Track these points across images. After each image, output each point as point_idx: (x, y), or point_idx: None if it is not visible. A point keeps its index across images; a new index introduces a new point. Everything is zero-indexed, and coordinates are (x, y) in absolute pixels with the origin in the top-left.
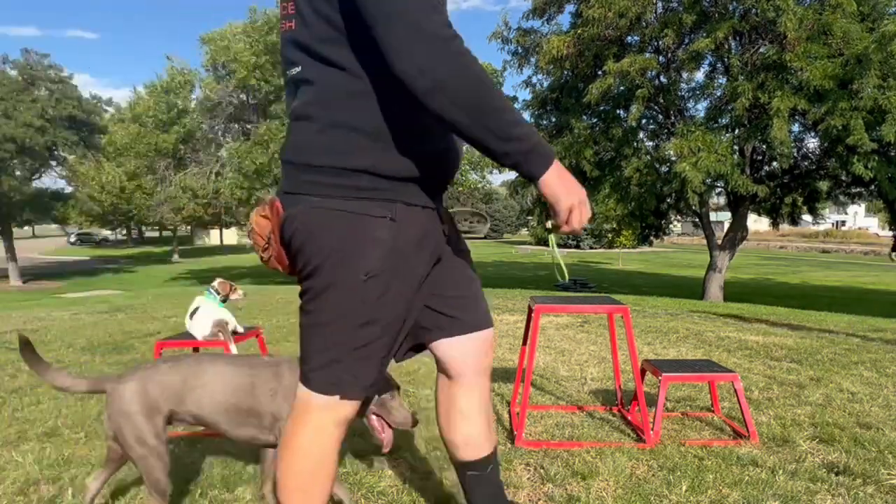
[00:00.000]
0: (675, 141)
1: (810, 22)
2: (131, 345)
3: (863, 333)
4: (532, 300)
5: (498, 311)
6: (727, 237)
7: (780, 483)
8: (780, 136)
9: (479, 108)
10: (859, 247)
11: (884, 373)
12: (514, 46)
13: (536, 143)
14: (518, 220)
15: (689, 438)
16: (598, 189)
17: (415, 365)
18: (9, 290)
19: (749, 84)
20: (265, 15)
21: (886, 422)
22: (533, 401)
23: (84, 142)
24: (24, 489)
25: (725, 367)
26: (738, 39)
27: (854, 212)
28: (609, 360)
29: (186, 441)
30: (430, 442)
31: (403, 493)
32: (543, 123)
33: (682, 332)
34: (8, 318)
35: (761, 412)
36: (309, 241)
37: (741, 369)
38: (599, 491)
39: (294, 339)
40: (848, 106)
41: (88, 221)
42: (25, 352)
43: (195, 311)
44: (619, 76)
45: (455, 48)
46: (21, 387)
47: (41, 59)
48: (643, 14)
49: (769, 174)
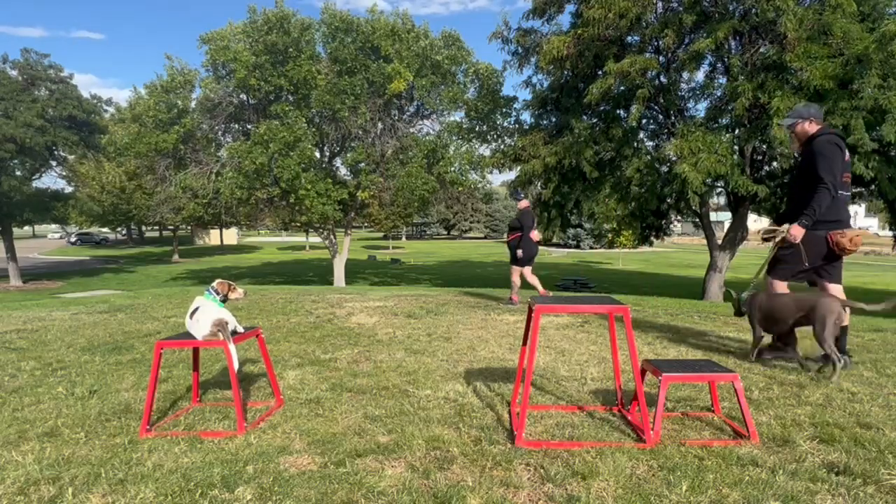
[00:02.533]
0: (676, 141)
1: (810, 22)
2: (131, 345)
3: (863, 333)
4: (532, 300)
5: (498, 311)
6: (727, 237)
7: (780, 483)
8: (780, 135)
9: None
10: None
11: (884, 373)
12: (514, 46)
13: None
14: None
15: (689, 438)
16: (599, 189)
17: (415, 365)
18: (9, 290)
19: (749, 84)
20: (265, 15)
21: (886, 422)
22: (533, 401)
23: (84, 142)
24: (24, 489)
25: (725, 367)
26: (738, 39)
27: (854, 212)
28: (609, 360)
29: (186, 441)
30: (430, 442)
31: (403, 493)
32: (543, 123)
33: (682, 332)
34: (8, 318)
35: (761, 412)
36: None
37: (741, 369)
38: (599, 491)
39: (294, 338)
40: (848, 106)
41: (89, 221)
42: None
43: (195, 311)
44: (620, 76)
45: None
46: (21, 387)
47: (41, 58)
48: (643, 14)
49: (769, 174)
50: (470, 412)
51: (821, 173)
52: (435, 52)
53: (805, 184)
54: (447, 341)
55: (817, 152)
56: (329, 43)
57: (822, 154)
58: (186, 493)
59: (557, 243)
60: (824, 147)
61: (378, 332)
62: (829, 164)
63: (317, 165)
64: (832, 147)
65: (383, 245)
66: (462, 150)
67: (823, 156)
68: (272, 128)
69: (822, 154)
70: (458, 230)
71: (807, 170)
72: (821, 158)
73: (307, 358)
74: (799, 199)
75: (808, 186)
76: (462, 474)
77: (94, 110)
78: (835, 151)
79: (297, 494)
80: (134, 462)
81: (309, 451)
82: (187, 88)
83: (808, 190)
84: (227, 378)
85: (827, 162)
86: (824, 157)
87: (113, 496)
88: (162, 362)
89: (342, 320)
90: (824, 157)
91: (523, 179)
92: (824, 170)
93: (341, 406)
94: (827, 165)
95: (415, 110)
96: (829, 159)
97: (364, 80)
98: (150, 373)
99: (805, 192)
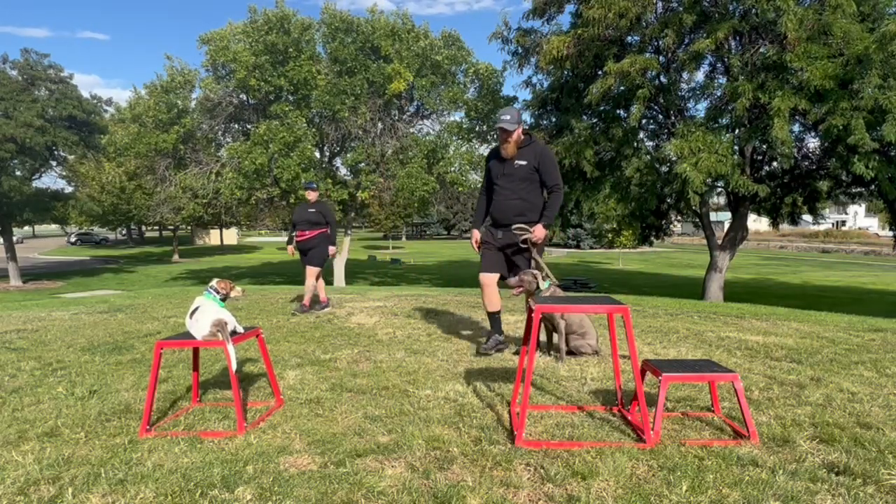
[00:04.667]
0: (676, 141)
1: (810, 22)
2: (131, 345)
3: (863, 333)
4: (532, 300)
5: None
6: (727, 237)
7: (780, 483)
8: (781, 135)
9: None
10: (859, 247)
11: (884, 373)
12: (514, 46)
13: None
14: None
15: (689, 438)
16: (599, 189)
17: (415, 365)
18: (9, 290)
19: (749, 84)
20: (265, 15)
21: (886, 422)
22: (533, 401)
23: (84, 142)
24: (24, 489)
25: (725, 367)
26: (738, 39)
27: (854, 212)
28: (609, 360)
29: (186, 441)
30: (430, 442)
31: (403, 493)
32: (544, 123)
33: (682, 332)
34: (8, 318)
35: (761, 412)
36: None
37: (741, 369)
38: (599, 491)
39: (294, 338)
40: (848, 106)
41: (89, 221)
42: None
43: (195, 311)
44: (620, 76)
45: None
46: (21, 387)
47: (41, 59)
48: (643, 14)
49: (769, 174)
50: (470, 412)
51: (556, 178)
52: (435, 52)
53: (529, 187)
54: (447, 341)
55: (548, 157)
56: (329, 43)
57: (553, 160)
58: (186, 493)
59: (557, 243)
60: (550, 153)
61: (378, 332)
62: (557, 169)
63: (317, 166)
64: (552, 153)
65: (383, 245)
66: (462, 150)
67: (553, 161)
68: (272, 128)
69: (552, 160)
70: (458, 230)
71: (528, 173)
72: (552, 164)
73: (307, 358)
74: (522, 199)
75: (533, 189)
76: (462, 474)
77: (94, 110)
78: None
79: (297, 494)
80: (134, 462)
81: (309, 451)
82: (187, 88)
83: (533, 192)
84: (227, 378)
85: (556, 167)
86: (554, 163)
87: (113, 496)
88: (162, 362)
89: (342, 320)
90: (554, 163)
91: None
92: (558, 174)
93: (341, 406)
94: (557, 170)
95: (415, 110)
96: (556, 165)
97: (364, 80)
98: (150, 373)
99: (530, 193)
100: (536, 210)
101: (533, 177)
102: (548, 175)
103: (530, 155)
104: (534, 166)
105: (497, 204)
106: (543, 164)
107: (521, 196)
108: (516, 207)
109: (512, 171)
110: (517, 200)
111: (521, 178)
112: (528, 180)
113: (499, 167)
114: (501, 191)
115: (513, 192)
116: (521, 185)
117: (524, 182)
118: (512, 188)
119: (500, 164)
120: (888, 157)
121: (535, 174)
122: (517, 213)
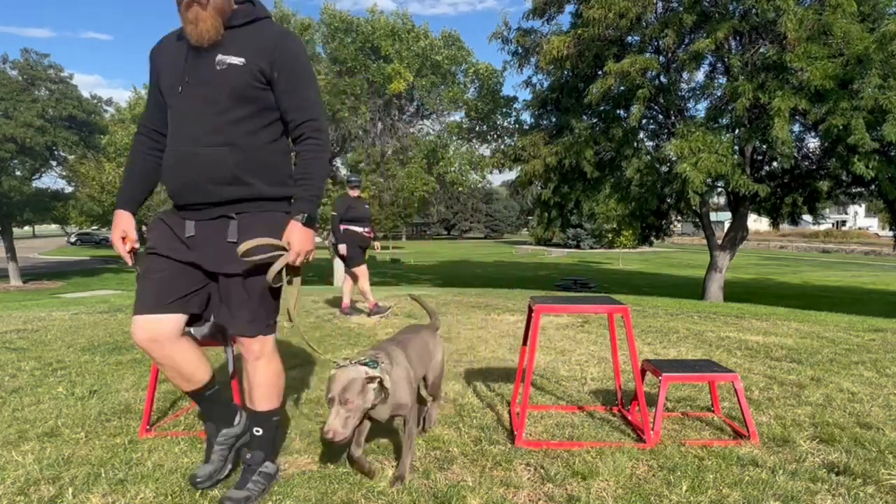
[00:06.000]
0: (676, 142)
1: (810, 22)
2: (131, 345)
3: (863, 333)
4: (532, 300)
5: (498, 311)
6: (727, 237)
7: (780, 483)
8: (781, 135)
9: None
10: (859, 247)
11: (884, 373)
12: (514, 46)
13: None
14: (518, 220)
15: (689, 438)
16: (599, 189)
17: None
18: (9, 290)
19: (749, 84)
20: None
21: (886, 422)
22: (533, 401)
23: (84, 142)
24: (24, 489)
25: (725, 367)
26: (738, 39)
27: (854, 212)
28: (609, 360)
29: (186, 441)
30: (430, 442)
31: (403, 493)
32: (544, 123)
33: (682, 332)
34: (8, 318)
35: (761, 412)
36: None
37: (741, 369)
38: (599, 491)
39: (294, 338)
40: (849, 106)
41: (89, 221)
42: None
43: None
44: (620, 76)
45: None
46: (21, 387)
47: (41, 59)
48: (643, 14)
49: (769, 174)
50: (470, 412)
51: (313, 105)
52: (435, 52)
53: (247, 116)
54: (447, 341)
55: (293, 56)
56: (329, 43)
57: (306, 64)
58: (186, 493)
59: (557, 243)
60: (298, 46)
61: (378, 332)
62: (316, 85)
63: None
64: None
65: (383, 245)
66: (462, 150)
67: (308, 67)
68: None
69: (304, 63)
70: (458, 230)
71: (247, 83)
72: (304, 71)
73: (307, 358)
74: (232, 145)
75: (253, 122)
76: (462, 474)
77: (94, 110)
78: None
79: (297, 494)
80: (134, 462)
81: (309, 451)
82: None
83: (254, 130)
84: (227, 378)
85: (314, 81)
86: (309, 72)
87: (113, 496)
88: None
89: (342, 320)
90: (309, 72)
91: (524, 180)
92: (316, 97)
93: None
94: (316, 87)
95: (415, 110)
96: (313, 75)
97: (364, 80)
98: (150, 373)
99: (247, 132)
100: (268, 173)
101: (256, 94)
102: (294, 95)
103: (252, 45)
104: (259, 70)
105: (175, 154)
106: (284, 70)
107: (227, 137)
108: (219, 163)
109: (210, 76)
110: (220, 148)
111: (229, 95)
112: (245, 101)
113: (177, 69)
114: (183, 123)
115: (209, 127)
116: (229, 112)
117: (236, 104)
118: (206, 116)
119: (180, 63)
120: (888, 157)
121: (259, 88)
122: (222, 177)
